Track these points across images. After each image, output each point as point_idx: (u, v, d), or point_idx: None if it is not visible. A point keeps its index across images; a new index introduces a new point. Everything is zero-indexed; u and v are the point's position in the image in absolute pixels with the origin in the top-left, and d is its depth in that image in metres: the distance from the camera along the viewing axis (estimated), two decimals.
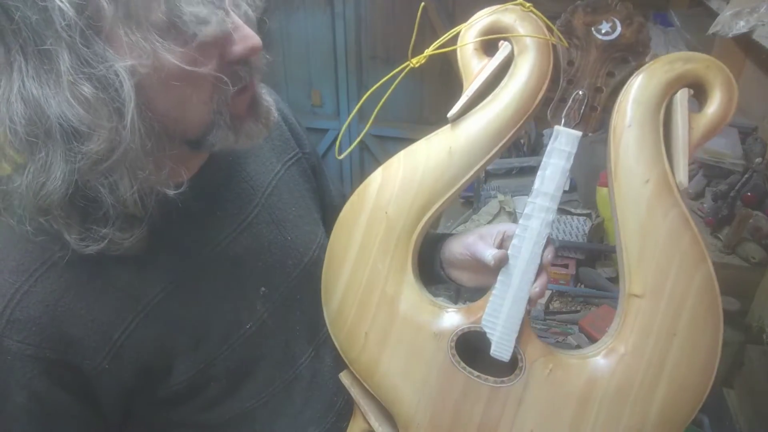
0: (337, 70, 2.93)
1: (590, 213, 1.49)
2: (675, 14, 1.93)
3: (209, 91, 0.55)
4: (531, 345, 0.65)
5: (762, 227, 1.30)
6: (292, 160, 0.80)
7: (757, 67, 1.60)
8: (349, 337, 0.69)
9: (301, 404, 0.77)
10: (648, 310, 0.62)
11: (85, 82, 0.47)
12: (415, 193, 0.68)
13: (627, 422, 0.61)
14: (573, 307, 1.38)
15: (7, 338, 0.56)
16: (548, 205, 0.64)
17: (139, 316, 0.62)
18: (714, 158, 1.48)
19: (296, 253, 0.76)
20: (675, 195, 0.62)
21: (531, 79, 0.67)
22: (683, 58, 0.64)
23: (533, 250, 0.64)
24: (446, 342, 0.66)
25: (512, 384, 0.64)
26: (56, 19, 0.45)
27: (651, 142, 0.64)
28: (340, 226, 0.71)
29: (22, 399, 0.58)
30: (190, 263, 0.65)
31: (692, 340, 0.61)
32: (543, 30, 0.67)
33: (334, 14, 2.80)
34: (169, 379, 0.66)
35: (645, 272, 0.62)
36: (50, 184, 0.51)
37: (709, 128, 0.63)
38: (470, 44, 0.68)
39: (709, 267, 0.61)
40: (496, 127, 0.67)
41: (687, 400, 0.61)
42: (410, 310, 0.67)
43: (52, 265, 0.58)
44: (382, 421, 0.69)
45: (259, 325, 0.71)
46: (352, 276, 0.69)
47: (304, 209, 0.79)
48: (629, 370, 0.62)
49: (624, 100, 0.65)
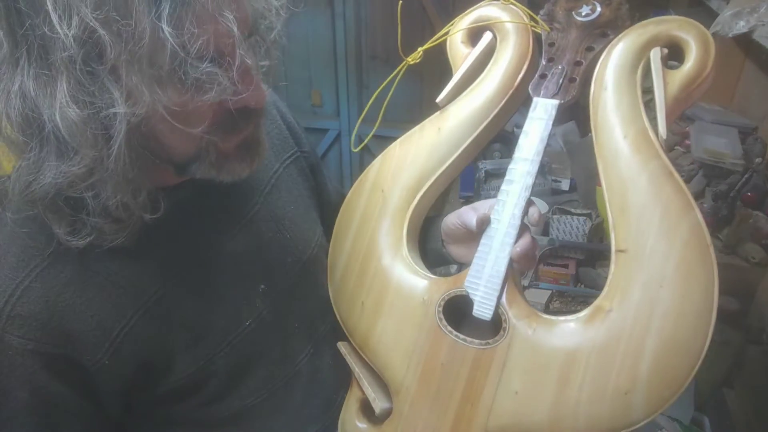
0: (337, 70, 2.90)
1: (590, 213, 1.45)
2: (675, 14, 1.84)
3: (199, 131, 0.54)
4: (515, 306, 0.64)
5: (762, 227, 1.29)
6: (291, 158, 0.81)
7: (757, 67, 1.57)
8: (348, 306, 0.73)
9: (300, 401, 0.77)
10: (632, 264, 0.60)
11: (77, 106, 0.48)
12: (408, 171, 0.73)
13: (616, 381, 0.57)
14: (573, 307, 1.34)
15: (8, 334, 0.56)
16: (528, 169, 0.66)
17: (139, 312, 0.62)
18: (714, 158, 1.44)
19: (295, 250, 0.76)
20: (656, 148, 0.62)
21: (512, 61, 0.71)
22: (655, 21, 0.66)
23: (513, 212, 0.65)
24: (434, 307, 0.67)
25: (496, 345, 0.63)
26: (59, 46, 0.46)
27: (627, 101, 0.64)
28: (345, 208, 0.77)
29: (24, 394, 0.58)
30: (190, 260, 0.66)
31: (681, 291, 0.57)
32: (522, 18, 0.72)
33: (334, 14, 2.77)
34: (169, 375, 0.66)
35: (628, 225, 0.61)
36: (36, 185, 0.52)
37: (687, 82, 0.63)
38: (457, 35, 0.75)
39: (696, 215, 0.59)
40: (481, 107, 0.72)
41: (680, 357, 0.56)
42: (402, 279, 0.70)
43: (52, 261, 0.58)
44: (376, 389, 0.70)
45: (259, 322, 0.71)
46: (353, 249, 0.74)
47: (303, 208, 0.80)
48: (615, 326, 0.59)
49: (601, 67, 0.67)
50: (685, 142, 1.59)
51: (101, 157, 0.51)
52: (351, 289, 0.73)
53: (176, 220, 0.63)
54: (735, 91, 1.69)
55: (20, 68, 0.49)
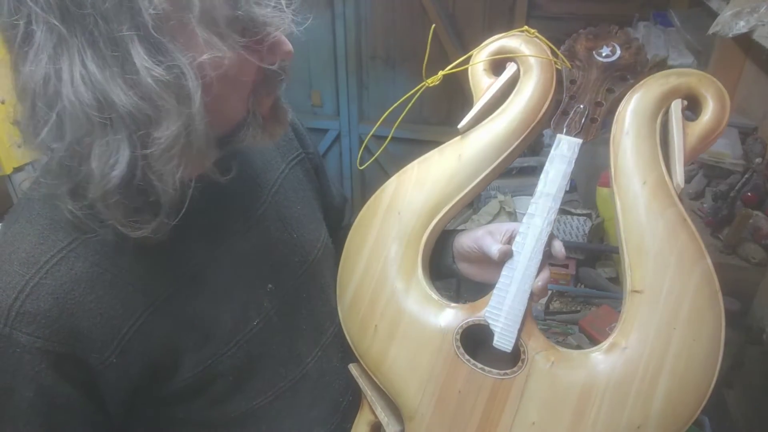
0: (337, 70, 2.91)
1: (590, 213, 1.49)
2: (675, 14, 1.93)
3: (248, 91, 0.58)
4: (533, 339, 0.66)
5: (762, 227, 1.29)
6: (296, 160, 0.81)
7: (757, 67, 1.59)
8: (360, 330, 0.72)
9: (307, 404, 0.76)
10: (648, 304, 0.63)
11: (157, 68, 0.49)
12: (426, 195, 0.73)
13: (629, 416, 0.61)
14: (573, 307, 1.37)
15: (17, 330, 0.56)
16: (551, 205, 0.68)
17: (148, 310, 0.62)
18: (714, 158, 1.47)
19: (302, 251, 0.76)
20: (672, 196, 0.66)
21: (534, 95, 0.73)
22: (677, 73, 0.70)
23: (536, 247, 0.67)
24: (451, 335, 0.68)
25: (515, 376, 0.65)
26: (136, 8, 0.47)
27: (647, 148, 0.68)
28: (357, 227, 0.76)
29: (29, 393, 0.57)
30: (199, 259, 0.66)
31: (692, 334, 0.61)
32: (546, 52, 0.74)
33: (334, 14, 2.77)
34: (175, 375, 0.65)
35: (644, 268, 0.64)
36: (118, 168, 0.52)
37: (704, 134, 0.67)
38: (480, 64, 0.75)
39: (707, 264, 0.63)
40: (503, 137, 0.73)
41: (690, 395, 0.61)
42: (418, 305, 0.71)
43: (62, 258, 0.58)
44: (388, 412, 0.70)
45: (266, 322, 0.71)
46: (365, 273, 0.73)
47: (309, 208, 0.80)
48: (630, 363, 0.62)
49: (622, 111, 0.70)
50: None
51: (190, 113, 0.51)
52: (363, 312, 0.72)
53: (185, 219, 0.62)
54: (735, 91, 1.68)
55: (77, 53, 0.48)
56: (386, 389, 0.70)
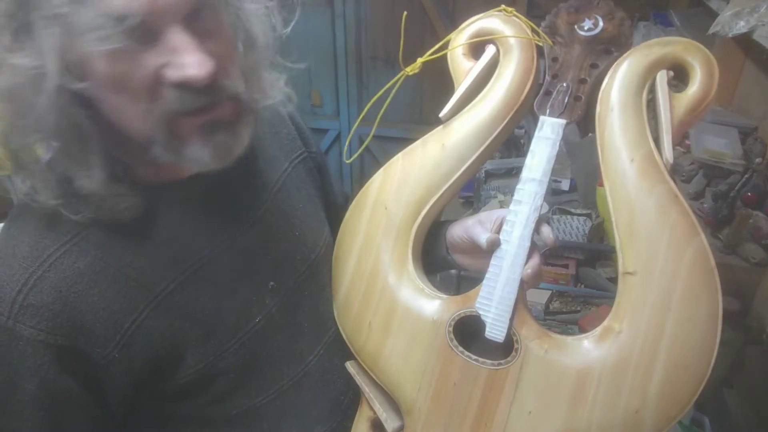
0: (337, 70, 2.92)
1: (590, 213, 1.48)
2: (675, 14, 1.91)
3: (145, 103, 0.53)
4: (527, 327, 0.65)
5: (762, 227, 1.29)
6: (299, 158, 0.81)
7: (757, 67, 1.58)
8: (354, 326, 0.73)
9: (308, 402, 0.76)
10: (641, 286, 0.62)
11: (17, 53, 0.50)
12: (412, 187, 0.73)
13: (626, 400, 0.60)
14: (573, 307, 1.37)
15: (20, 323, 0.56)
16: (536, 190, 0.67)
17: (150, 305, 0.62)
18: (714, 158, 1.46)
19: (304, 248, 0.76)
20: (662, 172, 0.63)
21: (516, 77, 0.71)
22: (661, 42, 0.67)
23: (523, 234, 0.66)
24: (444, 327, 0.68)
25: (509, 365, 0.64)
26: None
27: (634, 124, 0.65)
28: (346, 224, 0.76)
29: (32, 386, 0.58)
30: (202, 254, 0.66)
31: (688, 314, 0.60)
32: (526, 31, 0.72)
33: (334, 14, 2.79)
34: (178, 371, 0.66)
35: (636, 249, 0.63)
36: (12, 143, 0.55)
37: (692, 105, 0.64)
38: (458, 48, 0.73)
39: (701, 240, 0.61)
40: (486, 123, 0.71)
41: (688, 377, 0.59)
42: (410, 298, 0.70)
43: (65, 252, 0.58)
44: (387, 408, 0.71)
45: (268, 319, 0.71)
46: (357, 269, 0.73)
47: (311, 207, 0.81)
48: (625, 347, 0.61)
49: (607, 87, 0.67)
50: (685, 142, 1.57)
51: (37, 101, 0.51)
52: (357, 308, 0.73)
53: (189, 214, 0.63)
54: (735, 91, 1.69)
55: None
56: (383, 384, 0.70)
